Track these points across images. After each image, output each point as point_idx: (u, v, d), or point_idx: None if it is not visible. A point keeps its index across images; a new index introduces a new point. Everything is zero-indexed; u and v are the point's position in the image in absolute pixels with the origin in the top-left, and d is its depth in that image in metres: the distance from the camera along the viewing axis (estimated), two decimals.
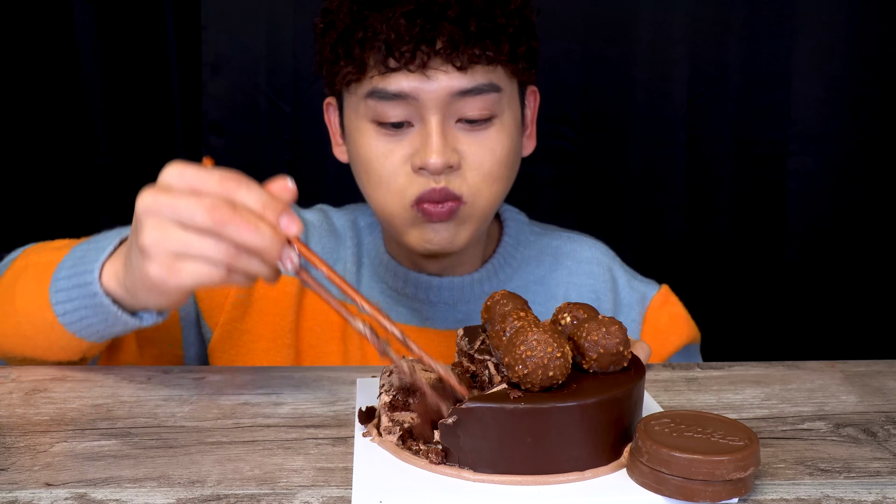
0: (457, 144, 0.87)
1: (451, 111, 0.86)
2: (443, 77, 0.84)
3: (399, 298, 1.00)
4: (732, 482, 0.53)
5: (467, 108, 0.86)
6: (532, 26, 0.91)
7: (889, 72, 1.29)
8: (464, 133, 0.87)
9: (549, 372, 0.56)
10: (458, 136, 0.87)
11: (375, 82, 0.86)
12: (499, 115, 0.88)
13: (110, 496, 0.56)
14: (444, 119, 0.85)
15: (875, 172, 1.32)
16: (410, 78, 0.84)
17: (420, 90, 0.84)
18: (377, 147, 0.88)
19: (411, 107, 0.85)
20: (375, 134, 0.88)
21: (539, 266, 1.03)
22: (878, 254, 1.34)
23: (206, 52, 1.34)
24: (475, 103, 0.86)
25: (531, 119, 0.98)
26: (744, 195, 1.35)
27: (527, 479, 0.56)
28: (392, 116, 0.86)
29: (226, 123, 1.36)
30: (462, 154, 0.87)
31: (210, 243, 0.61)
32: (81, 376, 0.78)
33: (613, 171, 1.36)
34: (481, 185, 0.88)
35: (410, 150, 0.87)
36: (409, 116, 0.86)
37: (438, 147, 0.84)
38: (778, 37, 1.30)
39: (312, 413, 0.70)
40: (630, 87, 1.33)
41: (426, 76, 0.84)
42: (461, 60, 0.84)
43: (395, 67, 0.84)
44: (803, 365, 0.81)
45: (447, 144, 0.85)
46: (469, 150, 0.87)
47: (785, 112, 1.32)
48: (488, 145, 0.88)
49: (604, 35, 1.32)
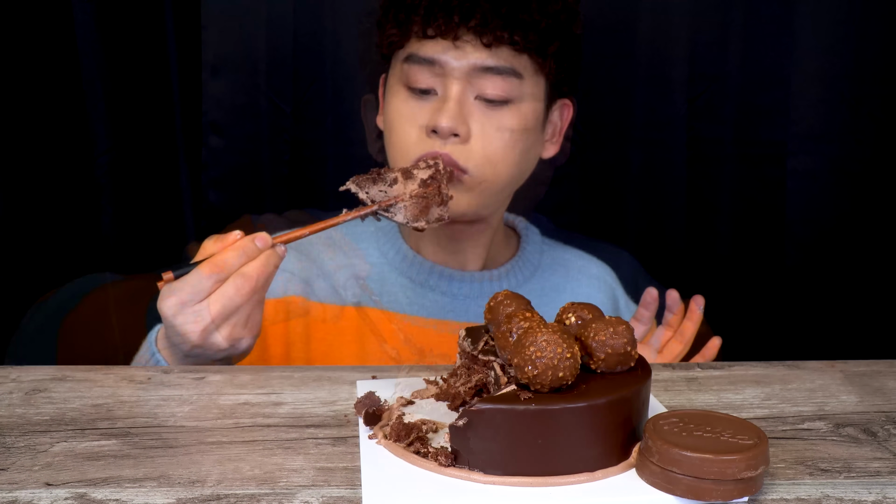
0: (470, 118, 0.93)
1: (472, 85, 0.94)
2: (470, 49, 0.93)
3: (423, 292, 1.03)
4: (743, 481, 0.53)
5: (487, 86, 0.93)
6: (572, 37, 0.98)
7: (889, 72, 1.29)
8: (479, 110, 0.94)
9: (559, 373, 0.56)
10: (472, 111, 0.94)
11: (413, 47, 0.95)
12: (516, 101, 0.95)
13: (110, 496, 0.56)
14: (463, 90, 0.93)
15: (875, 172, 1.32)
16: (442, 46, 0.93)
17: (448, 60, 0.93)
18: (402, 109, 0.96)
19: (438, 75, 0.94)
20: (405, 97, 0.96)
21: (553, 274, 1.08)
22: (878, 254, 1.34)
23: (206, 52, 1.34)
24: (495, 82, 0.93)
25: (560, 129, 1.05)
26: (744, 195, 1.35)
27: (537, 481, 0.56)
28: (420, 82, 0.95)
29: (226, 123, 1.36)
30: (472, 129, 0.93)
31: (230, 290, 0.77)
32: (81, 376, 0.78)
33: (613, 171, 1.36)
34: (485, 162, 0.94)
35: (428, 116, 0.94)
36: (435, 84, 0.94)
37: (452, 112, 0.92)
38: (778, 37, 1.30)
39: (312, 413, 0.70)
40: (630, 88, 1.33)
41: (455, 46, 0.93)
42: (488, 38, 0.92)
43: (431, 35, 0.93)
44: (803, 365, 0.81)
45: (460, 113, 0.92)
46: (480, 127, 0.93)
47: (785, 112, 1.32)
48: (498, 124, 0.94)
49: (604, 35, 1.32)
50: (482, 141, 0.93)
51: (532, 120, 0.96)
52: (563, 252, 1.12)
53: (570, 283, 1.09)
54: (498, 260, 1.07)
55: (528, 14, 0.93)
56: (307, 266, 1.04)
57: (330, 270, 1.04)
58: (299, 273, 1.04)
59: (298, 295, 1.03)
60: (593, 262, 1.13)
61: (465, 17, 0.92)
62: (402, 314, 1.03)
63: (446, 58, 0.93)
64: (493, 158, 0.94)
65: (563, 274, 1.09)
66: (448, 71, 0.93)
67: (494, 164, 0.94)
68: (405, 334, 1.02)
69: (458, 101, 0.93)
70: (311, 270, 1.04)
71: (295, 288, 1.03)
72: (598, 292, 1.10)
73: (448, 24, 0.92)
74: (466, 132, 0.93)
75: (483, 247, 1.04)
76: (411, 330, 1.02)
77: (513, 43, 0.93)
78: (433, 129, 0.92)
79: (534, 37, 0.93)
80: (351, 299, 1.03)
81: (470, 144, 0.93)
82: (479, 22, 0.92)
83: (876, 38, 1.29)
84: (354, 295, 1.03)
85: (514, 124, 0.94)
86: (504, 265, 1.06)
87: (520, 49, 0.93)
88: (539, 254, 1.10)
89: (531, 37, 0.93)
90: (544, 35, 0.94)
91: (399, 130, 0.96)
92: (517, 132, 0.95)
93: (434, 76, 0.94)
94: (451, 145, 0.92)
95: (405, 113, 0.95)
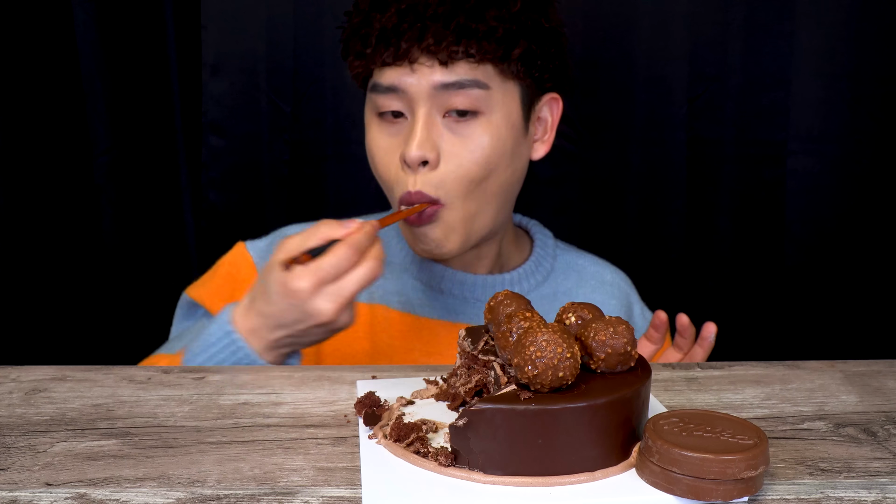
0: (440, 140, 0.92)
1: (438, 104, 0.92)
2: (427, 71, 0.91)
3: (433, 294, 1.03)
4: (743, 481, 0.53)
5: (453, 101, 0.92)
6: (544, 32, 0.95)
7: (889, 72, 1.29)
8: (448, 129, 0.92)
9: (560, 373, 0.56)
10: (442, 133, 0.92)
11: (375, 76, 0.94)
12: (485, 112, 0.93)
13: (110, 496, 0.56)
14: (430, 112, 0.92)
15: (875, 172, 1.32)
16: (400, 72, 0.92)
17: (408, 84, 0.92)
18: (379, 141, 0.96)
19: (403, 99, 0.93)
20: (378, 126, 0.96)
21: (566, 279, 1.08)
22: (878, 254, 1.34)
23: (206, 52, 1.34)
24: (459, 97, 0.92)
25: (551, 125, 1.03)
26: (744, 195, 1.35)
27: (537, 481, 0.56)
28: (388, 106, 0.94)
29: (226, 123, 1.36)
30: (443, 151, 0.92)
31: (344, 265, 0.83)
32: (81, 376, 0.78)
33: (613, 171, 1.36)
34: (458, 186, 0.92)
35: (402, 142, 0.93)
36: (402, 108, 0.93)
37: (419, 140, 0.91)
38: (778, 37, 1.30)
39: (312, 413, 0.70)
40: (630, 87, 1.33)
41: (412, 70, 0.91)
42: (443, 56, 0.90)
43: (387, 62, 0.92)
44: (803, 365, 0.81)
45: (429, 139, 0.91)
46: (450, 149, 0.92)
47: (785, 112, 1.32)
48: (469, 144, 0.92)
49: (604, 35, 1.32)
50: (454, 164, 0.92)
51: (506, 129, 0.94)
52: (577, 257, 1.11)
53: (583, 289, 1.08)
54: (510, 263, 1.07)
55: (483, 23, 0.90)
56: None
57: None
58: None
59: None
60: (607, 268, 1.12)
61: (418, 39, 0.90)
62: (414, 315, 1.03)
63: (406, 82, 0.92)
64: (465, 180, 0.92)
65: (577, 279, 1.09)
66: (411, 95, 0.92)
67: (466, 185, 0.92)
68: (416, 334, 1.02)
69: (424, 125, 0.91)
70: None
71: None
72: (611, 299, 1.09)
73: (400, 49, 0.91)
74: (436, 158, 0.91)
75: (493, 252, 1.04)
76: (423, 330, 1.02)
77: (469, 56, 0.91)
78: (403, 159, 0.92)
79: (491, 46, 0.91)
80: (364, 297, 1.03)
81: (441, 170, 0.91)
82: (432, 42, 0.90)
83: (876, 38, 1.29)
84: (367, 292, 1.03)
85: (485, 138, 0.92)
86: (516, 269, 1.06)
87: (478, 60, 0.91)
88: (552, 258, 1.09)
89: (488, 46, 0.91)
90: (504, 41, 0.91)
91: (380, 164, 0.96)
92: (490, 146, 0.92)
93: (400, 101, 0.93)
94: (421, 175, 0.91)
95: (382, 145, 0.95)
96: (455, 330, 1.01)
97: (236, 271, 1.05)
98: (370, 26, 0.93)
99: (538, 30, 0.94)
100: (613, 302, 1.09)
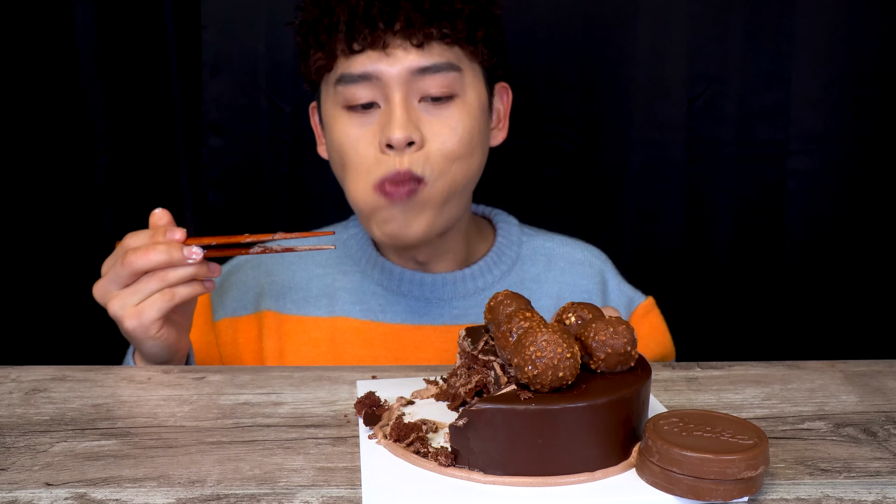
0: (420, 124, 0.91)
1: (414, 89, 0.91)
2: (402, 55, 0.90)
3: (395, 298, 1.01)
4: (743, 481, 0.53)
5: (428, 86, 0.91)
6: (494, 19, 0.96)
7: (889, 72, 1.29)
8: (426, 113, 0.92)
9: (560, 373, 0.56)
10: (420, 116, 0.91)
11: (342, 67, 0.92)
12: (460, 94, 0.93)
13: (110, 496, 0.56)
14: (406, 97, 0.91)
15: (875, 172, 1.32)
16: (373, 58, 0.90)
17: (382, 70, 0.90)
18: (349, 131, 0.93)
19: (376, 87, 0.91)
20: (347, 119, 0.93)
21: (534, 265, 1.05)
22: (878, 254, 1.34)
23: (206, 52, 1.34)
24: (435, 80, 0.91)
25: (504, 114, 1.02)
26: (744, 195, 1.35)
27: (537, 481, 0.56)
28: (359, 98, 0.92)
29: (226, 123, 1.36)
30: (424, 134, 0.91)
31: (142, 281, 0.82)
32: (81, 376, 0.78)
33: (613, 171, 1.36)
34: (443, 163, 0.91)
35: (378, 131, 0.91)
36: (375, 97, 0.92)
37: (401, 122, 0.89)
38: (778, 37, 1.30)
39: (312, 413, 0.70)
40: (630, 87, 1.33)
41: (386, 55, 0.90)
42: (418, 38, 0.89)
43: (357, 50, 0.91)
44: (803, 365, 0.81)
45: (409, 120, 0.90)
46: (431, 129, 0.91)
47: (785, 112, 1.32)
48: (449, 123, 0.92)
49: (604, 35, 1.32)
50: (438, 142, 0.91)
51: (478, 110, 0.94)
52: (545, 240, 1.08)
53: (553, 273, 1.05)
54: (473, 256, 1.04)
55: (449, 4, 0.91)
56: (277, 280, 1.04)
57: (300, 283, 1.03)
58: (268, 288, 1.03)
59: (270, 310, 1.02)
60: (578, 246, 1.09)
61: (389, 23, 0.89)
62: (377, 321, 1.01)
63: (380, 68, 0.90)
64: (451, 157, 0.91)
65: (545, 264, 1.06)
66: (386, 81, 0.90)
67: (451, 162, 0.91)
68: (381, 341, 1.01)
69: (403, 108, 0.90)
70: (282, 284, 1.03)
71: (266, 303, 1.03)
72: (582, 279, 1.06)
73: (373, 34, 0.89)
74: (420, 138, 0.90)
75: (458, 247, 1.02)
76: (387, 336, 1.01)
77: (443, 37, 0.91)
78: (387, 143, 0.89)
79: (462, 26, 0.91)
80: (324, 310, 1.02)
81: (426, 149, 0.90)
82: (405, 24, 0.89)
83: (875, 38, 1.29)
84: (327, 306, 1.02)
85: (464, 119, 0.92)
86: (478, 262, 1.03)
87: (451, 42, 0.91)
88: (517, 245, 1.06)
89: (459, 26, 0.91)
90: (470, 22, 0.92)
91: (353, 154, 0.92)
92: (468, 125, 0.92)
93: (372, 89, 0.91)
94: (408, 155, 0.89)
95: (354, 135, 0.92)
96: (420, 332, 1.00)
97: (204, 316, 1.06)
98: (332, 15, 0.91)
99: (491, 16, 0.96)
100: (584, 282, 1.05)
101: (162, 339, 0.84)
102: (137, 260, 0.81)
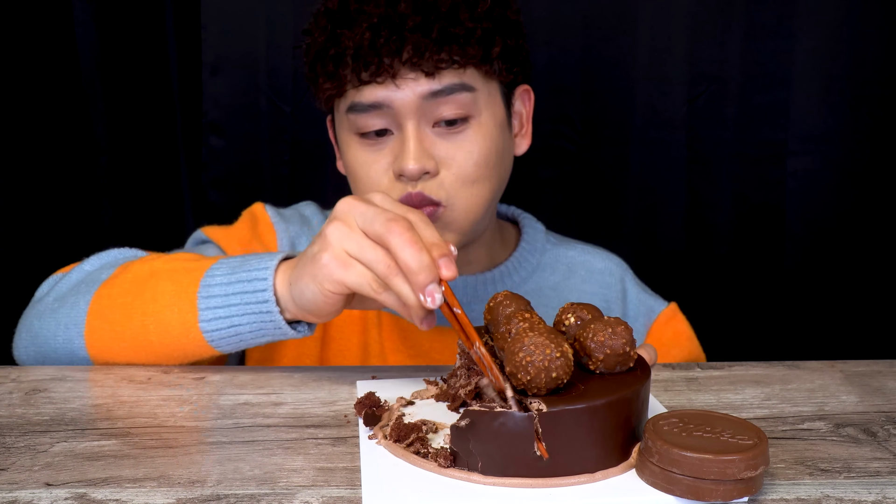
0: (434, 150, 0.89)
1: (426, 115, 0.88)
2: (412, 84, 0.87)
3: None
4: (743, 481, 0.54)
5: (442, 110, 0.88)
6: (512, 25, 0.93)
7: (889, 72, 1.29)
8: (441, 138, 0.89)
9: (552, 374, 0.56)
10: (435, 142, 0.89)
11: (352, 96, 0.89)
12: (475, 115, 0.90)
13: (110, 496, 0.56)
14: (419, 124, 0.88)
15: (875, 172, 1.32)
16: (382, 88, 0.87)
17: (393, 98, 0.87)
18: (361, 157, 0.91)
19: (388, 115, 0.88)
20: (359, 145, 0.91)
21: (553, 273, 1.05)
22: (878, 254, 1.34)
23: (206, 52, 1.34)
24: (448, 104, 0.88)
25: (526, 118, 1.00)
26: (744, 195, 1.35)
27: (536, 482, 0.56)
28: (371, 126, 0.89)
29: (226, 123, 1.36)
30: (439, 159, 0.89)
31: (379, 254, 0.67)
32: (81, 376, 0.78)
33: (613, 171, 1.36)
34: (459, 188, 0.90)
35: (392, 157, 0.89)
36: (388, 124, 0.89)
37: (415, 153, 0.87)
38: (778, 37, 1.30)
39: (312, 413, 0.70)
40: (630, 87, 1.33)
41: (396, 85, 0.87)
42: (428, 66, 0.86)
43: (366, 80, 0.87)
44: (803, 365, 0.81)
45: (424, 150, 0.88)
46: (446, 154, 0.89)
47: (785, 112, 1.32)
48: (465, 147, 0.90)
49: (604, 35, 1.32)
50: (454, 167, 0.89)
51: (495, 128, 0.92)
52: (568, 249, 1.08)
53: (572, 281, 1.05)
54: (495, 261, 1.04)
55: (461, 26, 0.86)
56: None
57: None
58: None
59: None
60: (598, 255, 1.08)
61: (398, 53, 0.85)
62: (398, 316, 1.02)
63: (391, 98, 0.87)
64: (466, 182, 0.89)
65: (565, 272, 1.06)
66: (397, 109, 0.87)
67: (468, 186, 0.90)
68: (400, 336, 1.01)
69: (416, 138, 0.87)
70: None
71: None
72: (601, 288, 1.06)
73: (381, 66, 0.85)
74: (434, 166, 0.88)
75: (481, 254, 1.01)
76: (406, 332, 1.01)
77: (454, 63, 0.87)
78: (400, 174, 0.88)
79: (473, 48, 0.87)
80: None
81: (440, 176, 0.89)
82: (413, 53, 0.85)
83: (875, 38, 1.29)
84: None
85: (479, 141, 0.90)
86: (499, 266, 1.03)
87: (463, 65, 0.88)
88: (539, 252, 1.06)
89: (470, 50, 0.87)
90: (483, 41, 0.88)
91: (366, 179, 0.91)
92: (485, 148, 0.90)
93: (384, 117, 0.88)
94: (422, 183, 0.88)
95: (365, 160, 0.90)
96: (436, 334, 1.00)
97: (255, 224, 1.03)
98: (339, 45, 0.88)
99: (507, 24, 0.92)
100: (604, 291, 1.05)
101: (330, 314, 0.74)
102: (398, 241, 0.65)
